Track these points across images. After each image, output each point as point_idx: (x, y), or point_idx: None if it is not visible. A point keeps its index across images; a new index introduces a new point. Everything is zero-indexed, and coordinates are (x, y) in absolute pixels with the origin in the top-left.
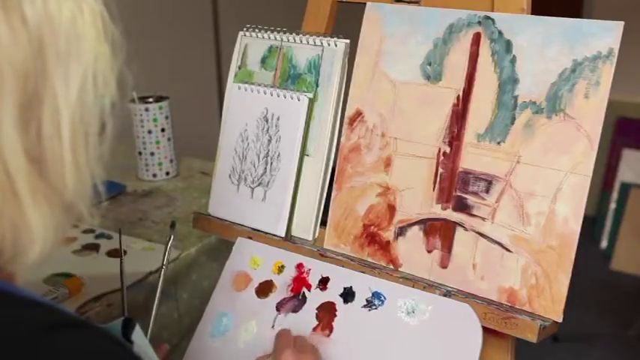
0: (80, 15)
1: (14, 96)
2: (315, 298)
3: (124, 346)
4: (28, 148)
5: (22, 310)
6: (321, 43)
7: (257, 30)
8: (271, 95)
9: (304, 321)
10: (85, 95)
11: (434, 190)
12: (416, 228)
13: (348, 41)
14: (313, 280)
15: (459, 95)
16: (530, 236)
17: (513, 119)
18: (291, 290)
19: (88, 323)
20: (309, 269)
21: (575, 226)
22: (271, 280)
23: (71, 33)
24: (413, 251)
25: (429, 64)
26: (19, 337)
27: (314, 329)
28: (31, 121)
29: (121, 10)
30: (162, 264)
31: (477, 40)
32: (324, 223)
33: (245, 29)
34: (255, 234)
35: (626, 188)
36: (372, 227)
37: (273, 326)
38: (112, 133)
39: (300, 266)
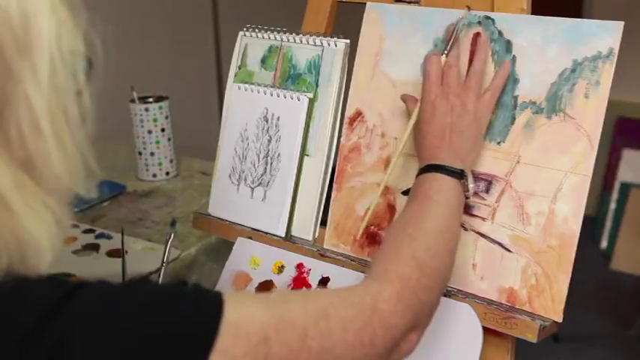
0: None
1: None
2: None
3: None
4: (13, 155)
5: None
6: (321, 43)
7: (257, 30)
8: (271, 95)
9: None
10: (56, 78)
11: None
12: None
13: (348, 41)
14: (313, 280)
15: None
16: (530, 236)
17: (513, 119)
18: (292, 290)
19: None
20: (310, 269)
21: (575, 226)
22: (271, 280)
23: (25, 20)
24: None
25: None
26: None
27: None
28: (10, 125)
29: (122, 10)
30: (163, 262)
31: (477, 40)
32: (324, 223)
33: (245, 29)
34: (255, 234)
35: (626, 188)
36: (372, 227)
37: None
38: (90, 103)
39: (300, 266)
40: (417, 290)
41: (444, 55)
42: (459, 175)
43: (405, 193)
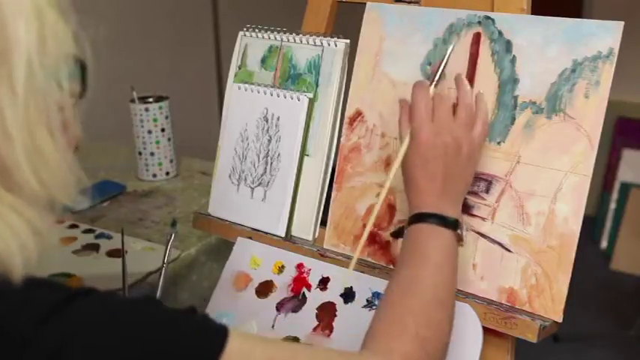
0: (6, 3)
1: None
2: (315, 298)
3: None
4: None
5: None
6: (321, 43)
7: (257, 30)
8: (271, 95)
9: (304, 321)
10: (35, 83)
11: None
12: None
13: (348, 41)
14: (313, 280)
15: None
16: (530, 236)
17: (513, 119)
18: (292, 290)
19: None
20: (310, 269)
21: (575, 226)
22: (271, 280)
23: (0, 25)
24: None
25: (429, 64)
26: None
27: (314, 329)
28: None
29: (122, 10)
30: (163, 262)
31: (477, 40)
32: (324, 223)
33: (245, 29)
34: (255, 234)
35: (626, 188)
36: (372, 227)
37: (273, 326)
38: (84, 108)
39: (300, 266)
40: None
41: (433, 86)
42: (454, 225)
43: (395, 234)
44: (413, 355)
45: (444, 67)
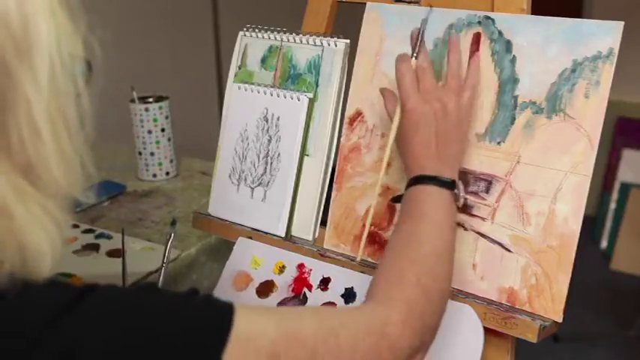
0: (29, 3)
1: None
2: (316, 298)
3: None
4: (15, 161)
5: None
6: (321, 43)
7: (257, 30)
8: (271, 95)
9: None
10: (56, 82)
11: None
12: None
13: (348, 41)
14: (314, 280)
15: None
16: (530, 236)
17: (513, 119)
18: (292, 290)
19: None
20: (311, 269)
21: (575, 226)
22: (272, 280)
23: (24, 22)
24: None
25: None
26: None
27: None
28: (11, 131)
29: (122, 10)
30: (163, 262)
31: (477, 40)
32: (324, 223)
33: (245, 29)
34: (255, 234)
35: (626, 188)
36: (372, 227)
37: None
38: (89, 107)
39: (301, 266)
40: (423, 315)
41: (414, 58)
42: (451, 185)
43: (396, 200)
44: (414, 300)
45: (422, 37)
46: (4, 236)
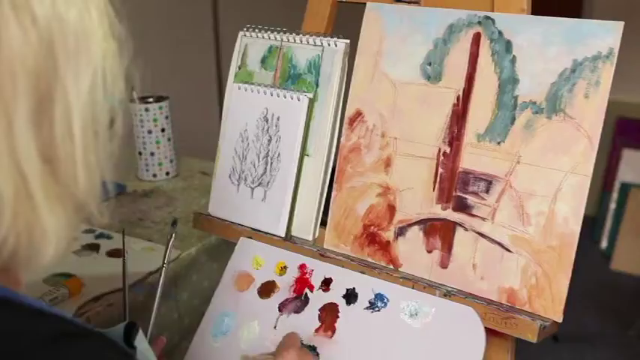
0: (87, 13)
1: (27, 97)
2: (317, 299)
3: (130, 356)
4: (41, 149)
5: (27, 321)
6: (321, 43)
7: (257, 30)
8: (271, 95)
9: (306, 322)
10: (95, 93)
11: (434, 190)
12: (416, 228)
13: (348, 41)
14: (316, 280)
15: (459, 95)
16: (530, 236)
17: (513, 119)
18: (294, 291)
19: (93, 333)
20: (312, 270)
21: (575, 226)
22: (273, 281)
23: (79, 31)
24: (413, 251)
25: (429, 64)
26: (21, 350)
27: (316, 330)
28: (44, 121)
29: (122, 10)
30: (163, 262)
31: (477, 40)
32: (324, 223)
33: (245, 29)
34: (255, 234)
35: (626, 188)
36: (372, 227)
37: (275, 327)
38: (121, 131)
39: (302, 267)
40: None
41: None
42: None
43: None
44: None
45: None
46: (19, 209)
